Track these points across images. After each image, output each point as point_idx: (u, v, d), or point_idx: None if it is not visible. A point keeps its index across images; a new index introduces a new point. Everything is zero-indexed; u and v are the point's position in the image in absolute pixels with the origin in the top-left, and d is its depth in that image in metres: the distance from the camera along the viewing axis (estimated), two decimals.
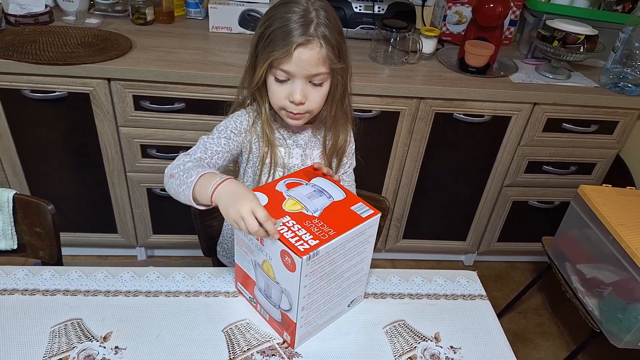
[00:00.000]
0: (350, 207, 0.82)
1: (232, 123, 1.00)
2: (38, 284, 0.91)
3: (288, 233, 0.75)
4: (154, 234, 1.82)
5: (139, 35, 1.62)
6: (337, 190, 0.87)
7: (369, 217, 0.80)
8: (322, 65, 0.89)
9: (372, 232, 0.82)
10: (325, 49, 0.88)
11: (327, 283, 0.80)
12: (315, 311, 0.82)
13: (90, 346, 0.81)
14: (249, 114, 1.01)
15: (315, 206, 0.82)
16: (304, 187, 0.87)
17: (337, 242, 0.76)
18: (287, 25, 0.86)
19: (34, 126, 1.52)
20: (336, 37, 0.90)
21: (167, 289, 0.93)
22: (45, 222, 1.06)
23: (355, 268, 0.84)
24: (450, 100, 1.58)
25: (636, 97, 1.64)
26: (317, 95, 0.93)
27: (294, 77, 0.90)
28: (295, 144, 1.03)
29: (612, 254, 1.30)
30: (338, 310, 0.88)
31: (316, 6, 0.89)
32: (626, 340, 1.28)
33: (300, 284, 0.74)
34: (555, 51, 1.63)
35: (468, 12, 1.81)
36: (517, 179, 1.80)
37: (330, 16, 0.90)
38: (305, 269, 0.73)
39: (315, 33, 0.87)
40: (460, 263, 2.13)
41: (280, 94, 0.92)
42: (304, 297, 0.77)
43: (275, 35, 0.87)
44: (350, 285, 0.86)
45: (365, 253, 0.84)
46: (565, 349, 1.78)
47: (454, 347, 0.87)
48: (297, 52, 0.86)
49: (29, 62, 1.38)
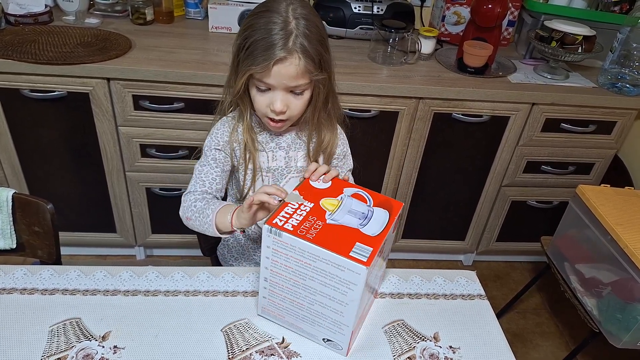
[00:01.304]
0: (357, 241, 0.75)
1: (214, 139, 1.01)
2: (37, 283, 0.91)
3: (289, 208, 0.78)
4: (153, 234, 1.82)
5: (139, 35, 1.63)
6: (379, 226, 0.78)
7: (353, 259, 0.71)
8: (301, 78, 0.89)
9: (355, 280, 0.72)
10: (304, 62, 0.87)
11: (294, 283, 0.78)
12: (281, 299, 0.82)
13: (89, 345, 0.80)
14: (228, 123, 1.02)
15: (340, 218, 0.79)
16: (361, 204, 0.83)
17: (303, 245, 0.73)
18: (265, 39, 0.85)
19: (33, 126, 1.52)
20: (316, 48, 0.88)
21: (166, 288, 0.93)
22: (44, 222, 1.06)
23: (332, 304, 0.77)
24: (449, 101, 1.58)
25: (634, 97, 1.65)
26: (298, 104, 0.94)
27: (274, 88, 0.90)
28: (278, 146, 1.04)
29: (610, 253, 1.30)
30: (310, 331, 0.84)
31: (297, 14, 0.87)
32: (625, 340, 1.29)
33: (263, 250, 0.77)
34: (554, 51, 1.63)
35: (466, 12, 1.82)
36: (515, 178, 1.81)
37: (311, 25, 0.88)
38: (266, 238, 0.75)
39: (294, 47, 0.86)
40: (459, 263, 2.13)
41: (261, 102, 0.93)
42: (266, 268, 0.79)
43: (254, 47, 0.86)
44: (327, 318, 0.80)
45: (345, 298, 0.75)
46: (564, 349, 1.79)
47: (453, 347, 0.87)
48: (276, 67, 0.86)
49: (29, 61, 1.38)
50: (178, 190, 1.71)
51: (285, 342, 0.85)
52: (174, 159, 1.63)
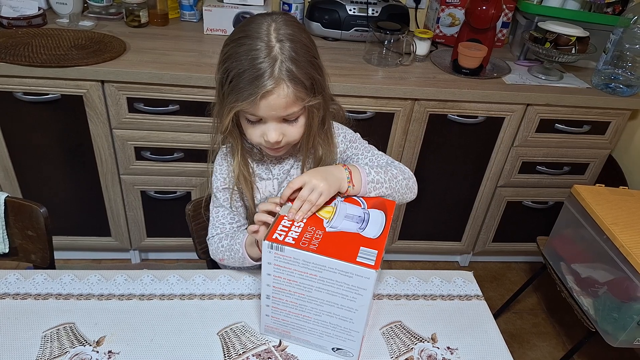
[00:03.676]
0: (361, 245, 0.74)
1: (220, 179, 0.98)
2: (30, 288, 0.90)
3: (285, 221, 0.77)
4: (148, 237, 1.81)
5: (133, 37, 1.62)
6: (378, 228, 0.78)
7: (361, 264, 0.70)
8: (292, 106, 0.82)
9: (364, 285, 0.72)
10: (293, 90, 0.79)
11: (299, 297, 0.77)
12: (285, 315, 0.80)
13: (83, 351, 0.80)
14: (224, 154, 0.98)
15: (338, 225, 0.78)
16: (356, 208, 0.83)
17: (307, 256, 0.72)
18: (248, 71, 0.78)
19: (26, 129, 1.51)
20: (305, 71, 0.81)
21: (161, 292, 0.92)
22: (38, 226, 1.05)
23: (341, 312, 0.77)
24: (444, 102, 1.59)
25: (627, 97, 1.66)
26: (294, 131, 0.87)
27: (265, 119, 0.84)
28: (281, 171, 0.99)
29: (606, 253, 1.30)
30: (318, 342, 0.83)
31: (280, 35, 0.79)
32: (621, 340, 1.29)
33: (264, 267, 0.75)
34: (548, 53, 1.64)
35: (461, 14, 1.82)
36: (511, 179, 1.81)
37: (298, 46, 0.80)
38: (267, 255, 0.74)
39: (280, 75, 0.78)
40: (455, 264, 2.13)
41: (254, 134, 0.86)
42: (268, 286, 0.77)
43: (237, 81, 0.79)
44: (336, 327, 0.79)
45: (354, 304, 0.75)
46: (561, 349, 1.79)
47: (451, 348, 0.87)
48: (263, 100, 0.79)
49: (22, 64, 1.37)
50: (173, 193, 1.70)
51: (283, 345, 0.84)
52: (169, 161, 1.62)
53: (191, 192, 1.71)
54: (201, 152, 1.61)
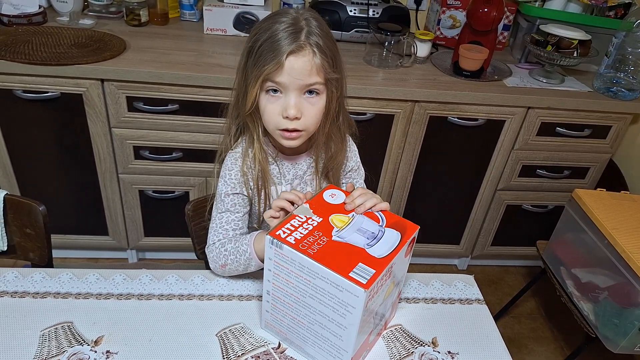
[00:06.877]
0: (361, 262, 0.71)
1: (229, 183, 0.95)
2: (28, 286, 0.89)
3: (296, 221, 0.76)
4: (146, 237, 1.80)
5: (133, 36, 1.61)
6: (387, 248, 0.75)
7: (352, 280, 0.67)
8: (316, 75, 0.83)
9: (353, 302, 0.69)
10: (319, 57, 0.82)
11: (294, 299, 0.76)
12: (283, 315, 0.80)
13: (81, 350, 0.79)
14: (237, 159, 0.96)
15: (347, 236, 0.76)
16: (372, 224, 0.79)
17: (302, 259, 0.70)
18: (275, 36, 0.81)
19: (25, 127, 1.50)
20: (330, 46, 0.85)
21: (159, 292, 0.91)
22: (36, 224, 1.04)
23: (332, 326, 0.74)
24: (445, 104, 1.58)
25: (629, 101, 1.66)
26: (313, 110, 0.87)
27: (287, 89, 0.84)
28: (296, 175, 0.99)
29: (607, 258, 1.30)
30: (311, 352, 0.81)
31: (306, 16, 0.85)
32: (622, 345, 1.28)
33: (266, 261, 0.76)
34: (549, 56, 1.64)
35: (462, 16, 1.82)
36: (511, 182, 1.81)
37: (322, 25, 0.86)
38: (268, 250, 0.74)
39: (307, 40, 0.82)
40: (454, 267, 2.12)
41: (273, 111, 0.86)
42: (268, 281, 0.77)
43: (263, 48, 0.82)
44: (327, 340, 0.77)
45: (344, 321, 0.72)
46: (560, 354, 1.78)
47: (452, 352, 0.86)
48: (288, 61, 0.81)
49: (22, 62, 1.36)
50: (171, 193, 1.69)
51: (282, 347, 0.83)
52: (168, 161, 1.61)
53: (189, 192, 1.70)
54: (200, 152, 1.60)
